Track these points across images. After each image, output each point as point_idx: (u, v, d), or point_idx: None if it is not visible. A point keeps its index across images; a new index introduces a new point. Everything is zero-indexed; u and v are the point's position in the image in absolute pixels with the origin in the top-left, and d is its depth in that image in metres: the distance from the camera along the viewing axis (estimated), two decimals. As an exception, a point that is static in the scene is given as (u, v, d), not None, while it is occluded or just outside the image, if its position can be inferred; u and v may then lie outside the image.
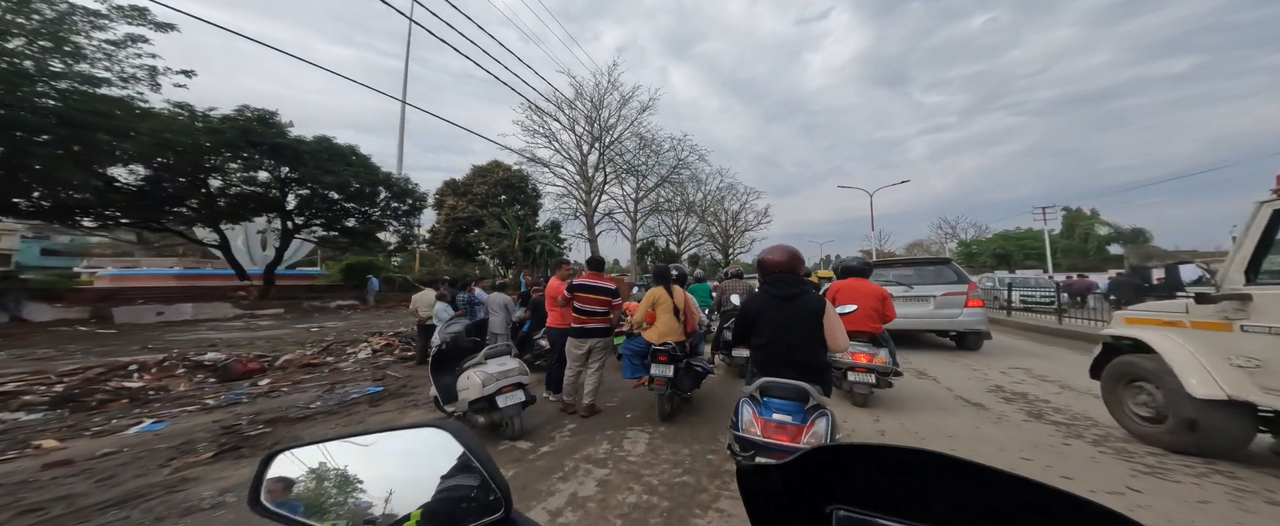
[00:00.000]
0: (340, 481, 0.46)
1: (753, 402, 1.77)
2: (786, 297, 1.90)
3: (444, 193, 23.16)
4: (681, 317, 3.26)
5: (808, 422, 1.66)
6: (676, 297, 3.30)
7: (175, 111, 8.62)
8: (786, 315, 1.89)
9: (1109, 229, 35.09)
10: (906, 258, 7.19)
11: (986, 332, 5.55)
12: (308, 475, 0.47)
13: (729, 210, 35.48)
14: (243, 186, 10.53)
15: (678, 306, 3.27)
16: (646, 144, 25.52)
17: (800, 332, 1.86)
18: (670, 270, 3.55)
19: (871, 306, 3.43)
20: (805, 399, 1.70)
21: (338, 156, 11.06)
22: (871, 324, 3.42)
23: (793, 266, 2.00)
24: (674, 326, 3.21)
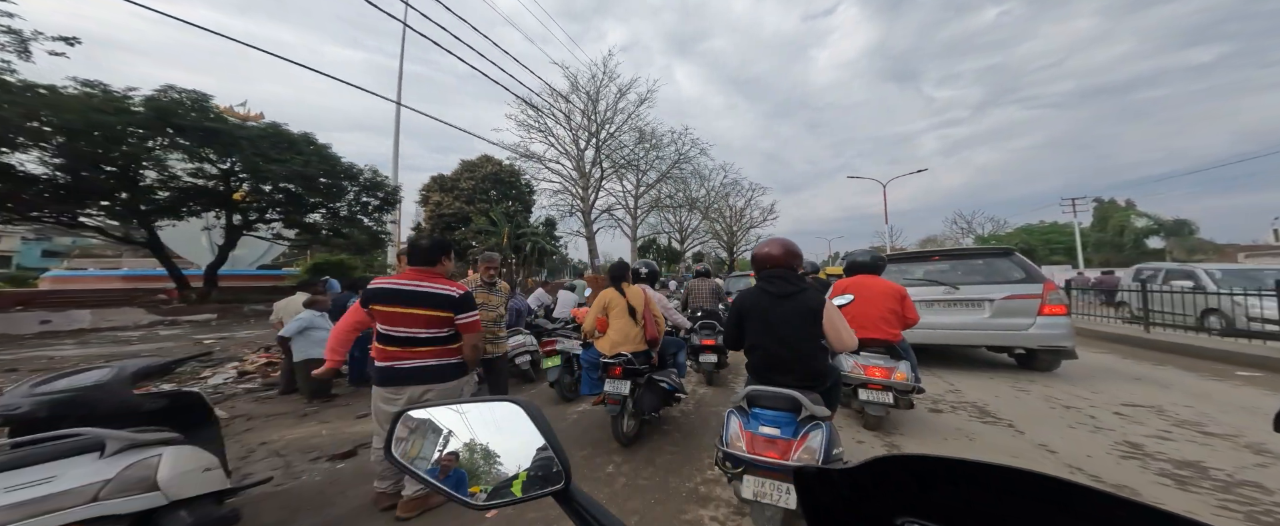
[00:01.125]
0: (449, 442, 0.55)
1: (740, 414, 1.57)
2: (782, 295, 1.72)
3: (430, 189, 22.18)
4: (640, 322, 2.67)
5: (799, 436, 1.45)
6: (633, 298, 2.72)
7: (86, 91, 7.54)
8: (781, 315, 1.70)
9: (1147, 221, 32.43)
10: (949, 248, 5.56)
11: (1072, 350, 4.03)
12: (428, 433, 0.56)
13: (733, 207, 34.20)
14: (186, 178, 9.42)
15: (634, 308, 2.67)
16: (645, 137, 24.44)
17: (796, 334, 1.67)
18: (627, 266, 2.92)
19: (886, 308, 2.74)
20: (797, 409, 1.49)
21: (286, 144, 9.90)
22: (886, 329, 2.71)
23: (789, 262, 1.79)
24: (630, 333, 2.65)
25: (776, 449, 1.45)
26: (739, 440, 1.51)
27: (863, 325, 2.72)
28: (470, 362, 1.94)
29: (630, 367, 2.53)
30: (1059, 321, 4.01)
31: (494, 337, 2.71)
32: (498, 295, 2.82)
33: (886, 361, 2.69)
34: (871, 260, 2.99)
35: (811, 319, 1.68)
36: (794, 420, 1.49)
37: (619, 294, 2.71)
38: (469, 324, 1.87)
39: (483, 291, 2.72)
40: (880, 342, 2.72)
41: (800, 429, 1.48)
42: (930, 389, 3.77)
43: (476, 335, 1.93)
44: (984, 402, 3.41)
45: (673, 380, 2.72)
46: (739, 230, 34.62)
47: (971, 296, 4.39)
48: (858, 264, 3.03)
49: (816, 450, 1.42)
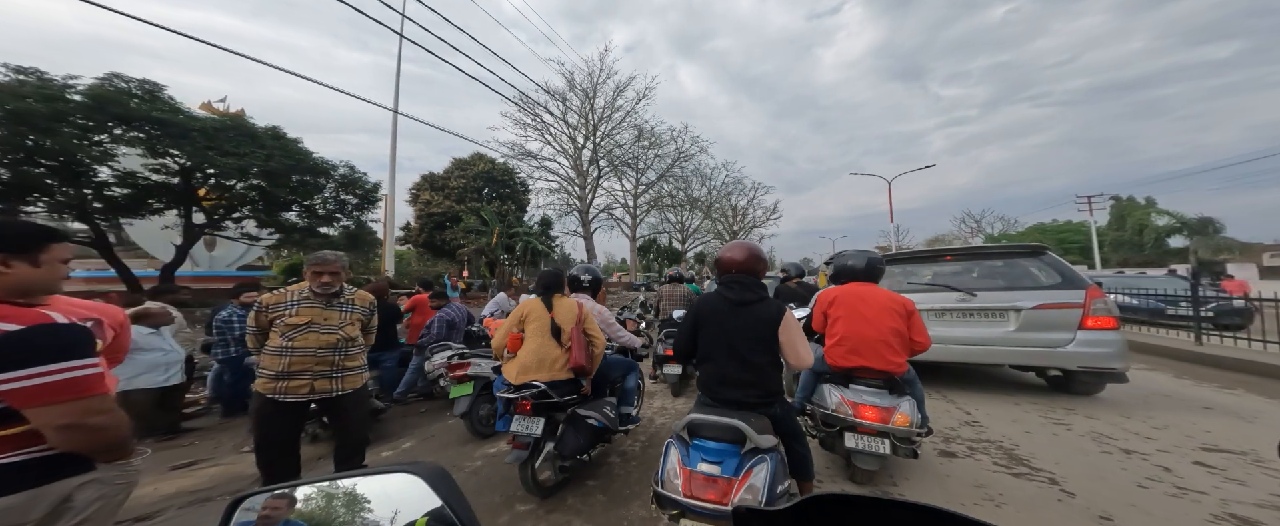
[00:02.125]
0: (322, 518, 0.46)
1: (680, 445, 1.40)
2: (741, 303, 1.57)
3: (419, 187, 21.69)
4: (565, 343, 2.06)
5: (742, 473, 1.28)
6: (562, 313, 2.12)
7: (17, 78, 7.01)
8: (738, 324, 1.55)
9: (1170, 219, 30.96)
10: (964, 247, 4.69)
11: (1123, 372, 3.23)
12: (275, 523, 0.46)
13: (736, 206, 33.43)
14: (146, 174, 8.88)
15: (560, 326, 2.08)
16: (644, 135, 23.82)
17: (752, 347, 1.51)
18: (561, 275, 2.30)
19: (886, 328, 2.03)
20: (742, 440, 1.33)
21: (245, 137, 9.34)
22: (887, 358, 2.01)
23: (754, 267, 1.64)
24: (548, 357, 2.03)
25: (716, 489, 1.29)
26: (676, 478, 1.35)
27: (855, 350, 2.06)
28: (89, 447, 0.93)
29: (545, 401, 1.94)
30: (1107, 337, 3.21)
31: (338, 369, 1.85)
32: (345, 310, 1.92)
33: (884, 398, 1.99)
34: (866, 264, 2.24)
35: (768, 330, 1.53)
36: (737, 453, 1.34)
37: (544, 307, 2.13)
38: (29, 391, 0.84)
39: (315, 305, 1.84)
40: (877, 374, 2.01)
41: (743, 463, 1.32)
42: (942, 420, 3.02)
43: (68, 409, 0.88)
44: (1012, 442, 2.64)
45: (606, 416, 2.09)
46: (742, 230, 33.88)
47: (993, 305, 3.61)
48: (848, 269, 2.27)
49: (760, 489, 1.27)
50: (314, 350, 1.80)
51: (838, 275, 2.34)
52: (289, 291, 1.89)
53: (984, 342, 3.56)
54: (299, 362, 1.77)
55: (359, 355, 1.97)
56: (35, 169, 7.44)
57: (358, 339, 1.96)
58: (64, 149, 7.25)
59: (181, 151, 8.43)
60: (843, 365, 2.06)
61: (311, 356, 1.79)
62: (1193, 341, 5.25)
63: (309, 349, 1.79)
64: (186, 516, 2.05)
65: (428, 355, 3.48)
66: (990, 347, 3.55)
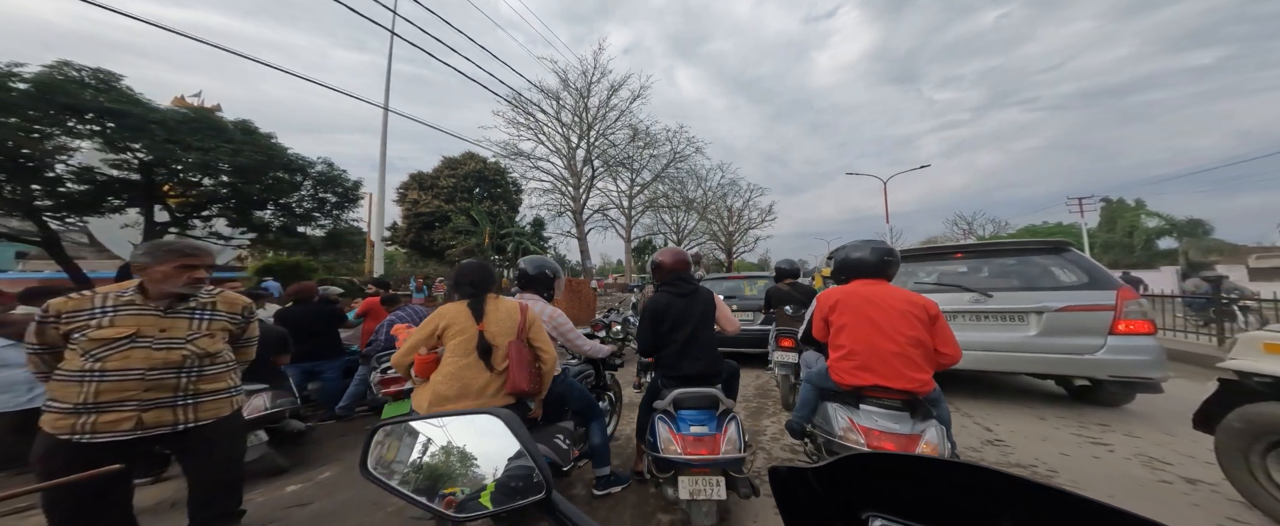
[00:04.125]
0: (426, 453, 0.55)
1: (668, 419, 1.70)
2: (686, 294, 1.95)
3: (407, 186, 21.14)
4: (499, 364, 1.54)
5: (721, 429, 1.65)
6: (495, 322, 1.58)
7: None
8: (688, 311, 1.92)
9: (1160, 221, 31.23)
10: (976, 243, 4.26)
11: (1158, 381, 2.87)
12: (403, 447, 0.57)
13: (731, 207, 33.23)
14: (105, 170, 8.31)
15: (492, 343, 1.55)
16: (639, 135, 23.52)
17: (700, 328, 1.91)
18: (489, 270, 1.75)
19: (906, 336, 1.63)
20: (716, 405, 1.72)
21: (211, 131, 8.81)
22: (909, 374, 1.60)
23: (683, 268, 2.03)
24: (474, 383, 1.50)
25: (705, 445, 1.60)
26: (672, 444, 1.62)
27: (866, 365, 1.63)
28: None
29: None
30: (1142, 344, 2.86)
31: (186, 394, 1.39)
32: (199, 317, 1.45)
33: (904, 423, 1.58)
34: (876, 258, 1.81)
35: (711, 309, 1.96)
36: (714, 415, 1.69)
37: (470, 315, 1.57)
38: None
39: (145, 312, 1.38)
40: (895, 394, 1.60)
41: (721, 422, 1.67)
42: (961, 439, 2.68)
43: None
44: (1048, 467, 2.27)
45: (556, 447, 1.67)
46: (737, 231, 33.67)
47: (1010, 307, 3.25)
48: (852, 264, 1.84)
49: (737, 439, 1.64)
50: (142, 372, 1.33)
51: (840, 272, 1.91)
52: (99, 293, 1.40)
53: (1001, 349, 3.20)
54: (114, 389, 1.31)
55: (224, 374, 1.50)
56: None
57: (222, 355, 1.49)
58: (3, 142, 6.68)
59: (139, 145, 7.88)
60: (851, 383, 1.67)
61: (138, 380, 1.33)
62: (1216, 346, 4.95)
63: (133, 370, 1.32)
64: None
65: (374, 365, 3.04)
66: (1008, 354, 3.19)
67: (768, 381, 4.34)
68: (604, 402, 2.57)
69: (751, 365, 5.05)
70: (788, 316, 3.48)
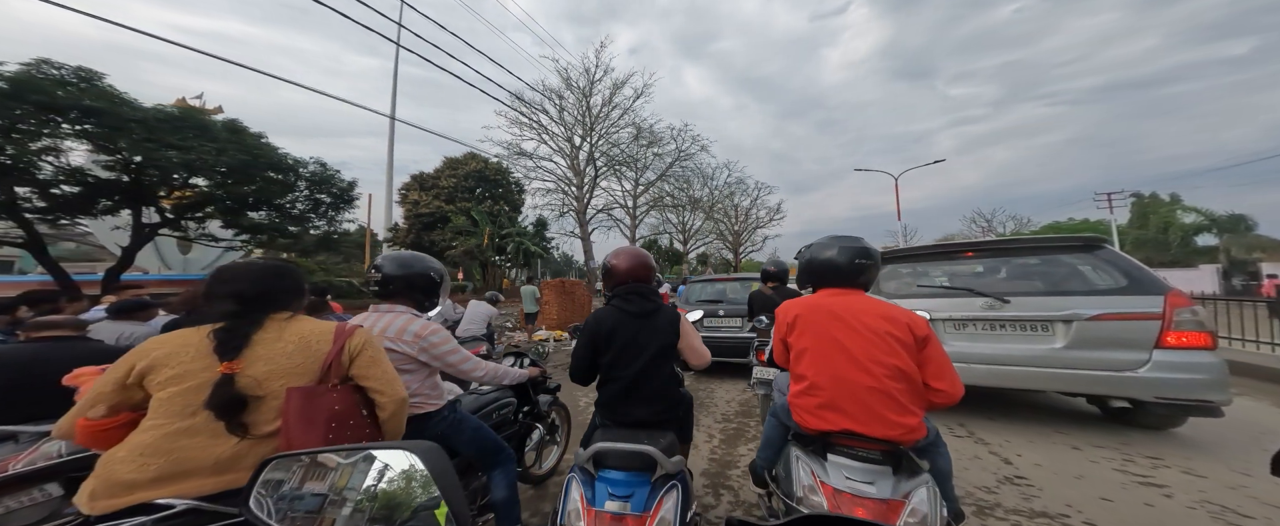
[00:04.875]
0: (320, 490, 0.50)
1: (583, 478, 1.24)
2: (641, 314, 1.47)
3: (408, 187, 21.19)
4: (263, 426, 0.95)
5: (655, 505, 1.16)
6: (262, 360, 0.98)
7: None
8: (641, 338, 1.45)
9: (1197, 216, 29.32)
10: (989, 240, 3.46)
11: (1218, 404, 2.32)
12: (295, 482, 0.52)
13: (738, 206, 32.57)
14: (96, 171, 8.32)
15: (246, 391, 0.94)
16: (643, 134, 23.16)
17: (655, 360, 1.43)
18: (284, 273, 1.14)
19: (882, 367, 1.17)
20: (652, 468, 1.21)
21: (194, 130, 8.74)
22: (885, 416, 1.14)
23: (645, 275, 1.54)
24: (204, 454, 0.89)
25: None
26: (578, 520, 1.17)
27: (832, 403, 1.21)
28: None
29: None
30: (1199, 360, 2.34)
31: None
32: None
33: (882, 483, 1.15)
34: (846, 259, 1.33)
35: (671, 339, 1.46)
36: (648, 481, 1.20)
37: (208, 347, 0.97)
38: None
39: None
40: (874, 443, 1.16)
41: (655, 494, 1.18)
42: (970, 474, 2.22)
43: None
44: (1084, 517, 1.80)
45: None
46: (744, 231, 33.01)
47: (1032, 314, 2.74)
48: (821, 266, 1.37)
49: (672, 521, 1.15)
50: None
51: (805, 277, 1.46)
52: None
53: (1021, 363, 2.70)
54: None
55: None
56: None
57: None
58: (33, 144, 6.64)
59: (122, 144, 7.83)
60: (815, 427, 1.24)
61: None
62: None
63: None
64: None
65: None
66: (1030, 369, 2.68)
67: (752, 398, 3.84)
68: (537, 433, 2.16)
69: (737, 376, 4.59)
70: (763, 328, 2.96)
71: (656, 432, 1.34)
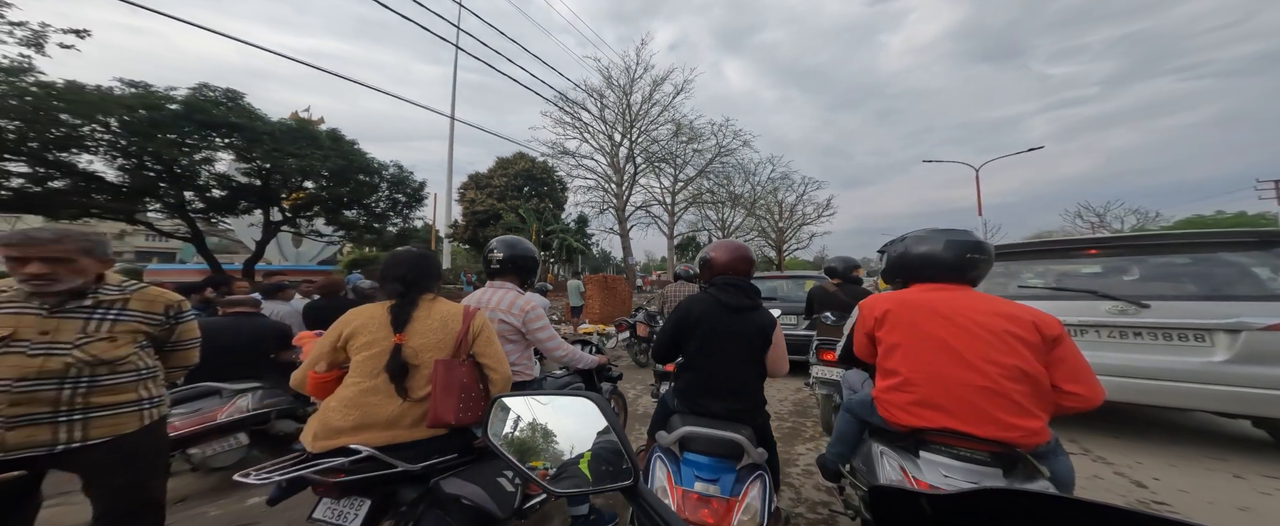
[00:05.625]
0: (531, 426, 0.63)
1: (669, 459, 1.27)
2: (737, 308, 1.43)
3: (466, 186, 22.90)
4: (417, 390, 1.20)
5: (741, 492, 1.18)
6: (420, 333, 1.24)
7: (131, 91, 8.21)
8: (734, 332, 1.43)
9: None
10: (1116, 236, 2.90)
11: None
12: (514, 420, 0.64)
13: (782, 202, 31.09)
14: (238, 177, 10.11)
15: (409, 360, 1.20)
16: (683, 130, 22.97)
17: (742, 358, 1.42)
18: (427, 260, 1.38)
19: (998, 365, 1.09)
20: (738, 455, 1.23)
21: (307, 139, 10.20)
22: (999, 417, 1.07)
23: (744, 269, 1.52)
24: (380, 413, 1.15)
25: (712, 510, 1.17)
26: (666, 497, 1.21)
27: (928, 400, 1.15)
28: None
29: (379, 473, 1.11)
30: None
31: (71, 410, 1.17)
32: (98, 317, 1.24)
33: (993, 485, 1.07)
34: (953, 254, 1.23)
35: (762, 341, 1.43)
36: (733, 469, 1.22)
37: (387, 322, 1.22)
38: None
39: (28, 311, 1.18)
40: (982, 444, 1.10)
41: (741, 481, 1.21)
42: (1094, 495, 1.96)
43: None
44: None
45: (497, 490, 1.24)
46: (789, 227, 31.46)
47: (1180, 322, 2.39)
48: (917, 260, 1.29)
49: (758, 510, 1.17)
50: (9, 383, 1.10)
51: (895, 272, 1.37)
52: None
53: (1165, 377, 2.37)
54: None
55: (130, 386, 1.24)
56: (148, 173, 8.77)
57: (129, 361, 1.24)
58: (163, 154, 8.36)
59: (256, 154, 9.41)
60: (905, 423, 1.20)
61: (3, 393, 1.10)
62: None
63: (2, 381, 1.10)
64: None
65: None
66: (1177, 385, 2.34)
67: (808, 397, 3.75)
68: None
69: (790, 374, 4.44)
70: (826, 325, 2.90)
71: (740, 425, 1.30)
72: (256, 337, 2.43)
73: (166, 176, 8.95)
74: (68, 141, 7.52)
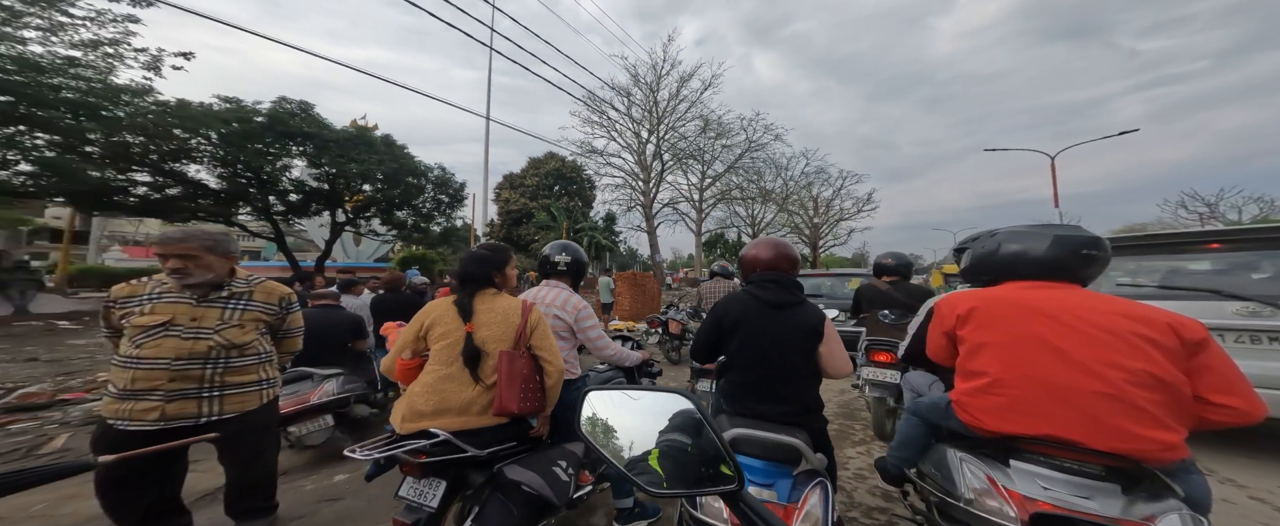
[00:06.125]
0: (617, 420, 0.63)
1: None
2: (779, 305, 1.36)
3: (501, 186, 23.99)
4: (487, 378, 1.29)
5: (800, 499, 1.10)
6: (486, 324, 1.34)
7: (226, 106, 9.43)
8: (775, 331, 1.34)
9: None
10: (1238, 228, 2.62)
11: None
12: (602, 411, 0.64)
13: (817, 197, 29.68)
14: (311, 182, 11.33)
15: (482, 348, 1.30)
16: (711, 126, 22.69)
17: (790, 358, 1.33)
18: (500, 254, 1.51)
19: (1125, 371, 0.95)
20: (795, 460, 1.15)
21: (365, 145, 11.21)
22: (1128, 429, 0.92)
23: (785, 266, 1.44)
24: (456, 398, 1.26)
25: None
26: (717, 501, 1.08)
27: (1023, 404, 1.06)
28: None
29: (448, 457, 1.20)
30: None
31: (211, 387, 1.38)
32: (231, 307, 1.45)
33: (1109, 500, 0.95)
34: (1063, 252, 1.12)
35: (809, 339, 1.32)
36: (790, 474, 1.15)
37: (457, 313, 1.34)
38: None
39: (181, 300, 1.40)
40: (1097, 456, 0.98)
41: (798, 488, 1.12)
42: (1227, 522, 1.78)
43: None
44: None
45: (554, 480, 1.30)
46: (825, 223, 29.96)
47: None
48: (1011, 259, 1.19)
49: (819, 519, 1.07)
50: (169, 362, 1.30)
51: (982, 270, 1.27)
52: (151, 280, 1.44)
53: None
54: (145, 378, 1.30)
55: (253, 368, 1.45)
56: (240, 180, 10.08)
57: (253, 346, 1.45)
58: (253, 162, 9.55)
59: (324, 160, 10.50)
60: (995, 429, 1.08)
61: (164, 370, 1.30)
62: None
63: (161, 360, 1.30)
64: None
65: None
66: None
67: (854, 399, 3.61)
68: None
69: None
70: (883, 324, 2.70)
71: (794, 429, 1.23)
72: (338, 328, 2.68)
73: (255, 182, 10.27)
74: (179, 153, 8.89)
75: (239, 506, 1.51)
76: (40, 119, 7.06)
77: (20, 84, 6.62)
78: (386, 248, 20.58)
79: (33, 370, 4.57)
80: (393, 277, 3.59)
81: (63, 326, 7.68)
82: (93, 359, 5.20)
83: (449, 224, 14.96)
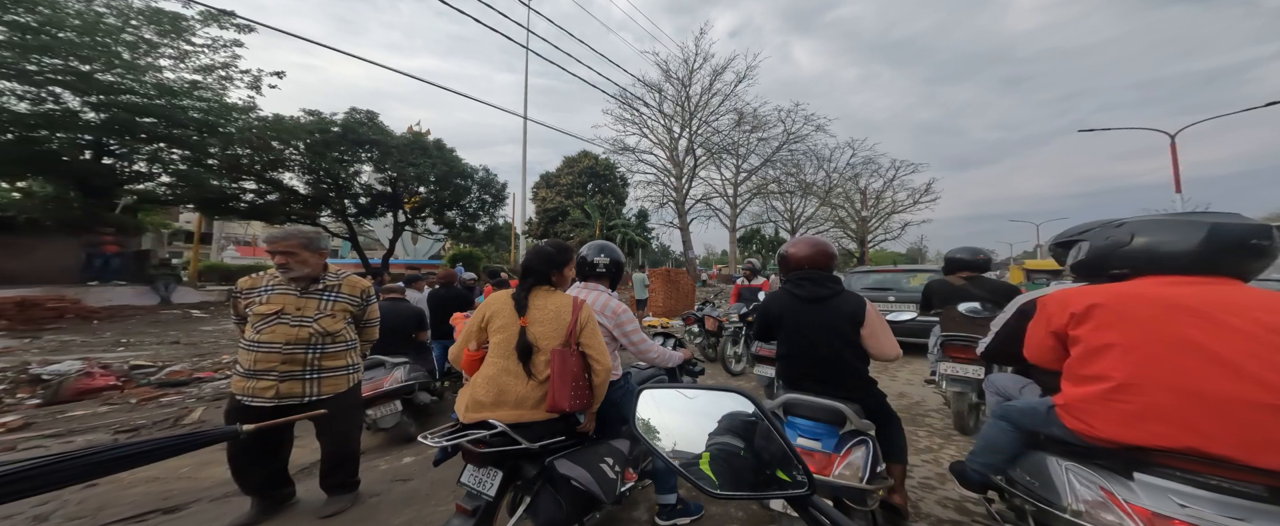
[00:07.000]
0: (672, 418, 0.63)
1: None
2: (814, 299, 1.53)
3: (538, 186, 25.06)
4: (540, 373, 1.33)
5: (842, 451, 1.29)
6: (540, 320, 1.37)
7: (309, 118, 10.86)
8: (813, 321, 1.51)
9: None
10: None
11: None
12: (664, 412, 0.64)
13: (865, 189, 27.49)
14: (377, 186, 12.74)
15: (533, 343, 1.34)
16: (746, 119, 21.98)
17: (830, 344, 1.48)
18: (561, 251, 1.52)
19: None
20: (841, 422, 1.35)
21: (419, 149, 12.31)
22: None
23: (821, 262, 1.59)
24: (513, 391, 1.31)
25: (814, 462, 1.27)
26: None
27: (1159, 412, 0.93)
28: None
29: (505, 449, 1.26)
30: None
31: (311, 369, 1.60)
32: (325, 298, 1.67)
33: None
34: (1233, 240, 0.96)
35: (850, 326, 1.48)
36: (836, 433, 1.34)
37: (514, 308, 1.37)
38: None
39: (288, 292, 1.63)
40: (1262, 474, 0.84)
41: (843, 443, 1.31)
42: None
43: None
44: None
45: (600, 475, 1.33)
46: (874, 216, 27.70)
47: None
48: (1142, 252, 1.05)
49: (859, 467, 1.25)
50: (281, 346, 1.54)
51: (1103, 264, 1.14)
52: (266, 274, 1.68)
53: None
54: (264, 360, 1.54)
55: (343, 354, 1.67)
56: (322, 185, 11.57)
57: (342, 334, 1.67)
58: (331, 169, 10.92)
59: (387, 165, 11.72)
60: (1119, 439, 0.97)
61: (277, 353, 1.54)
62: None
63: (275, 344, 1.55)
64: (218, 507, 1.87)
65: None
66: None
67: (919, 401, 3.41)
68: None
69: (893, 376, 4.09)
70: (962, 318, 2.51)
71: (845, 401, 1.37)
72: (404, 319, 2.93)
73: (333, 187, 11.76)
74: (277, 163, 10.43)
75: (330, 480, 1.73)
76: (176, 136, 8.63)
77: (161, 106, 8.13)
78: (438, 246, 22.45)
79: (176, 352, 5.40)
80: (447, 274, 3.91)
81: (195, 315, 8.91)
82: (217, 344, 6.08)
83: (492, 222, 15.96)
